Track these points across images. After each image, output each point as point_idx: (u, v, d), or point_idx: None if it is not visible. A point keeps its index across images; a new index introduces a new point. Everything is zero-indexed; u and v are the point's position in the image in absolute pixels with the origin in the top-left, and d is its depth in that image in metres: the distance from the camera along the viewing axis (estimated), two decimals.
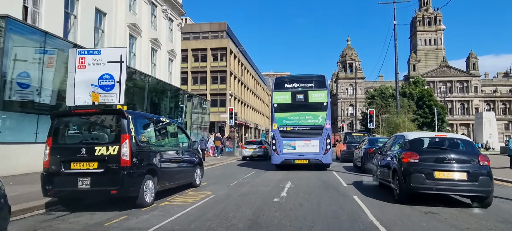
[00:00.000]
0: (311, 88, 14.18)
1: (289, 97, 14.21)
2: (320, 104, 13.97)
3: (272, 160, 14.35)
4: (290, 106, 14.12)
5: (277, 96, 14.37)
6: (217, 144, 26.92)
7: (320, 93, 14.07)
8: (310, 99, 14.03)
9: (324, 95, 14.03)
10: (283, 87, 14.45)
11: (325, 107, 13.92)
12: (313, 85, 14.27)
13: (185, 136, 9.43)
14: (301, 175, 12.38)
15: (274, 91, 14.53)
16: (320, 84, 14.27)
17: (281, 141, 13.99)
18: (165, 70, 27.63)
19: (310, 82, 14.32)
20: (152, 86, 22.24)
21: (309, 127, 13.83)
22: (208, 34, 53.27)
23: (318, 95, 14.04)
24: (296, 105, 14.09)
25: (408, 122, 31.35)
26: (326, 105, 13.92)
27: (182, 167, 8.71)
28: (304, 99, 14.08)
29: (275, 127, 14.25)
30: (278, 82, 14.75)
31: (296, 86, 14.33)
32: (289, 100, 14.20)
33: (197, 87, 50.64)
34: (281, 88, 14.42)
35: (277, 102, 14.29)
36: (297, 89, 14.26)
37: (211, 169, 16.02)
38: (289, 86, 14.41)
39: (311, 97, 14.05)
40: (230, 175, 13.08)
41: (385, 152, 8.68)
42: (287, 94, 14.27)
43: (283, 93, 14.33)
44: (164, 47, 27.39)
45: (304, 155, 13.72)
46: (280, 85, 14.55)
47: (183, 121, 25.78)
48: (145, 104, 20.60)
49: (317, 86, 14.23)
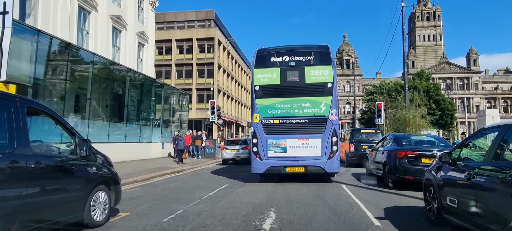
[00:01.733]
0: (310, 64, 9.81)
1: (277, 76, 9.81)
2: (323, 86, 9.62)
3: (252, 167, 9.91)
4: (278, 90, 9.79)
5: (259, 75, 9.92)
6: (197, 143, 22.80)
7: (323, 70, 9.67)
8: (308, 79, 9.69)
9: (328, 73, 9.64)
10: (269, 62, 9.96)
11: (330, 91, 9.55)
12: (312, 59, 9.88)
13: (67, 132, 4.93)
14: (294, 194, 7.95)
15: (256, 68, 9.99)
16: (323, 57, 9.86)
17: (266, 140, 9.60)
18: (133, 56, 23.04)
19: (307, 55, 9.93)
20: (115, 75, 17.72)
21: (307, 118, 9.54)
22: (194, 23, 48.73)
23: (320, 73, 9.66)
24: (288, 87, 9.78)
25: (419, 117, 27.09)
26: (331, 87, 9.57)
27: (51, 190, 4.25)
28: (300, 79, 9.75)
29: (256, 120, 9.77)
30: (261, 56, 10.02)
31: (287, 61, 9.93)
32: (277, 81, 9.80)
33: (182, 82, 46.05)
34: (266, 64, 9.94)
35: (259, 83, 9.87)
36: (289, 64, 9.88)
37: (169, 179, 11.54)
38: (278, 60, 9.95)
39: (309, 76, 9.70)
40: (187, 191, 8.62)
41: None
42: (275, 72, 9.85)
43: (268, 71, 9.88)
44: (131, 28, 22.80)
45: (299, 160, 9.46)
46: (264, 60, 9.98)
47: (153, 117, 21.21)
48: (92, 93, 16.03)
49: (318, 60, 9.86)
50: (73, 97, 14.35)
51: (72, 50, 13.47)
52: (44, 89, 12.77)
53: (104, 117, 16.15)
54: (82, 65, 14.62)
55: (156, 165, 15.57)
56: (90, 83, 14.37)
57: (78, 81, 15.05)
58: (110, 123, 16.27)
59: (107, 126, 15.83)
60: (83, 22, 18.52)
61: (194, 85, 46.20)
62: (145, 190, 8.99)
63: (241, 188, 9.05)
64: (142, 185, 10.08)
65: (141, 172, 12.86)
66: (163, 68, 47.67)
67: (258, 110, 9.76)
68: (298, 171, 9.51)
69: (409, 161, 8.29)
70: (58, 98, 13.03)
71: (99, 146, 15.24)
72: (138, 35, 23.87)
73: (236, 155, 17.87)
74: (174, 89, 26.62)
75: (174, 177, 12.18)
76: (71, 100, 14.06)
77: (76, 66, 14.24)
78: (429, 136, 9.44)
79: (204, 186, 9.48)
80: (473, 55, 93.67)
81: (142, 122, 20.10)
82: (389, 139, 9.98)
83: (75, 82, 14.75)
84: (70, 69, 13.54)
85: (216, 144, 22.76)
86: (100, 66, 15.84)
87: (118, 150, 16.12)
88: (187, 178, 11.92)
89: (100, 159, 5.62)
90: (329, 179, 10.43)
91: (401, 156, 8.41)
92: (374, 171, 10.66)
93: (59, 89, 13.01)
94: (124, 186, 9.65)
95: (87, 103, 14.23)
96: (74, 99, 14.41)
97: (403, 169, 8.33)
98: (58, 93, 13.00)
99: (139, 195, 8.06)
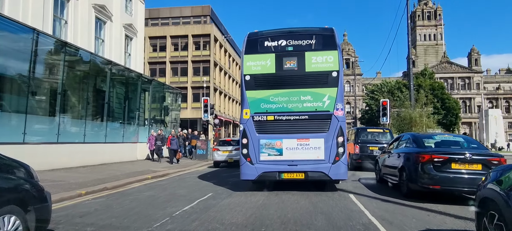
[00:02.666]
0: (311, 48, 8.18)
1: (272, 63, 8.19)
2: (327, 75, 8.02)
3: (241, 173, 8.25)
4: (273, 80, 8.19)
5: (250, 62, 8.29)
6: (193, 143, 21.46)
7: (327, 56, 8.06)
8: (309, 67, 8.09)
9: (333, 60, 8.02)
10: (262, 47, 8.33)
11: (335, 81, 7.97)
12: (313, 43, 8.23)
13: None
14: (291, 209, 6.32)
15: (246, 54, 8.34)
16: (327, 41, 8.20)
17: (258, 140, 8.01)
18: (119, 50, 21.35)
19: (308, 39, 8.25)
20: (96, 68, 16.06)
21: (307, 114, 7.97)
22: (190, 19, 47.01)
23: (323, 60, 8.05)
24: (285, 77, 8.17)
25: (426, 117, 25.46)
26: (336, 77, 7.98)
27: None
28: (299, 67, 8.14)
29: (246, 116, 8.14)
30: (253, 40, 8.38)
31: (284, 46, 8.26)
32: (271, 69, 8.20)
33: (177, 80, 44.36)
34: (258, 49, 8.34)
35: (250, 72, 8.24)
36: (287, 50, 8.26)
37: (146, 186, 9.86)
38: (272, 45, 8.29)
39: (310, 64, 8.10)
40: (159, 204, 6.97)
41: None
42: (269, 59, 8.22)
43: (261, 58, 8.25)
44: (117, 20, 21.11)
45: (298, 164, 7.85)
46: (257, 45, 8.36)
47: (139, 115, 19.53)
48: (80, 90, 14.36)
49: (320, 44, 8.21)
50: (41, 92, 12.66)
51: (41, 37, 11.75)
52: (4, 82, 11.11)
53: (80, 114, 14.45)
54: (52, 56, 12.90)
55: (139, 168, 13.91)
56: (62, 76, 12.65)
57: (47, 73, 13.38)
58: (87, 121, 14.58)
59: (83, 124, 14.14)
60: (60, 11, 16.83)
61: (190, 83, 44.52)
62: (109, 201, 7.33)
63: (226, 199, 7.39)
64: (109, 194, 8.41)
65: (117, 177, 11.20)
66: (157, 66, 46.03)
67: (249, 105, 8.12)
68: (296, 178, 7.92)
69: (435, 166, 6.65)
70: (21, 93, 11.35)
71: (73, 147, 13.65)
72: (126, 28, 22.18)
73: (228, 157, 16.22)
74: (164, 85, 24.94)
75: (153, 183, 10.50)
76: (39, 95, 12.37)
77: (44, 57, 12.55)
78: (455, 135, 7.82)
79: (183, 196, 7.82)
80: (474, 55, 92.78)
81: (126, 120, 18.41)
82: (406, 139, 8.31)
83: (44, 74, 13.08)
84: (37, 59, 11.83)
85: (208, 144, 21.06)
86: (75, 58, 14.11)
87: (96, 151, 14.46)
88: (167, 184, 10.25)
89: (21, 172, 3.98)
90: (333, 186, 8.80)
91: (425, 160, 6.76)
92: (387, 177, 9.02)
93: (22, 83, 11.33)
94: (87, 195, 8.02)
95: (58, 99, 12.54)
96: (42, 94, 12.71)
97: (427, 176, 6.69)
98: (20, 87, 11.33)
99: (96, 209, 6.41)
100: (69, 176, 10.92)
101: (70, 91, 14.75)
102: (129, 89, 19.29)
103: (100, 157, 14.92)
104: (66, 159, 12.44)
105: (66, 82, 13.37)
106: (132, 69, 20.26)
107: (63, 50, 12.70)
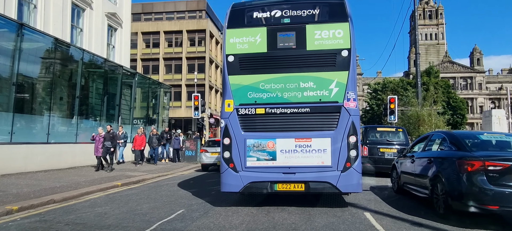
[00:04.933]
0: (313, 20, 6.22)
1: (263, 40, 6.24)
2: (334, 55, 6.05)
3: (222, 183, 6.26)
4: (265, 61, 6.26)
5: (234, 39, 6.33)
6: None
7: (335, 30, 6.07)
8: (311, 45, 6.12)
9: (343, 35, 6.06)
10: (250, 20, 6.40)
11: (346, 63, 6.01)
12: (317, 13, 6.26)
13: None
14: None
15: (229, 28, 6.40)
16: (334, 11, 6.24)
17: (244, 141, 6.11)
18: (101, 41, 19.38)
19: (310, 8, 6.27)
20: (64, 57, 14.08)
21: (309, 106, 6.04)
22: (185, 13, 45.01)
23: (330, 36, 6.07)
24: (280, 58, 6.23)
25: (435, 115, 23.55)
26: (347, 57, 6.01)
27: None
28: (298, 45, 6.17)
29: (229, 108, 6.23)
30: (238, 10, 6.46)
31: (278, 17, 6.31)
32: (262, 48, 6.24)
33: (171, 77, 42.44)
34: (245, 23, 6.41)
35: (234, 52, 6.31)
36: (282, 22, 6.29)
37: (106, 197, 7.88)
38: (263, 16, 6.35)
39: (312, 40, 6.11)
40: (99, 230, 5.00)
41: None
42: (259, 34, 6.25)
43: (249, 33, 6.29)
44: (98, 7, 19.16)
45: (297, 172, 5.95)
46: (243, 16, 6.44)
47: (118, 112, 17.56)
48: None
49: (326, 15, 6.26)
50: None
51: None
52: None
53: (42, 110, 12.45)
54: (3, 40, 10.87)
55: (111, 173, 11.93)
56: (16, 63, 10.63)
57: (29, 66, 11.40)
58: (53, 118, 12.58)
59: (46, 122, 12.13)
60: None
61: (184, 81, 42.57)
62: (35, 224, 5.36)
63: (198, 220, 5.44)
64: (49, 210, 6.45)
65: (78, 184, 9.23)
66: (150, 62, 44.07)
67: (233, 94, 6.24)
68: (294, 190, 5.99)
69: (490, 177, 4.71)
70: None
71: (31, 148, 10.47)
72: (108, 17, 20.21)
73: (217, 159, 14.25)
74: (150, 80, 22.91)
75: (118, 193, 8.51)
76: None
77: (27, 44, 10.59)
78: (507, 134, 5.91)
79: (142, 215, 5.85)
80: (476, 55, 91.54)
81: (105, 117, 16.42)
82: (439, 139, 6.34)
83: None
84: None
85: (198, 144, 19.07)
86: (35, 44, 12.10)
87: (64, 152, 12.47)
88: (135, 195, 8.27)
89: None
90: (342, 200, 6.88)
91: (475, 168, 4.82)
92: (409, 188, 7.08)
93: None
94: (19, 213, 6.10)
95: (12, 91, 10.55)
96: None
97: (478, 191, 4.75)
98: None
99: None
100: (16, 183, 8.95)
101: (28, 82, 12.70)
102: (108, 83, 17.28)
103: (70, 160, 12.95)
104: (21, 162, 10.47)
105: (22, 72, 11.35)
106: (110, 60, 18.26)
107: (18, 33, 10.68)
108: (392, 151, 11.66)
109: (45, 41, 12.73)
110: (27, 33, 11.19)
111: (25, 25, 11.48)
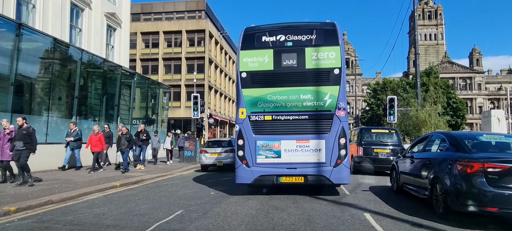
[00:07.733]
0: (311, 44, 7.69)
1: (270, 59, 7.71)
2: (328, 72, 7.56)
3: (237, 176, 7.72)
4: (271, 77, 7.75)
5: (247, 58, 7.78)
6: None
7: (328, 52, 7.58)
8: (310, 64, 7.63)
9: (335, 56, 7.55)
10: (260, 42, 7.85)
11: (337, 78, 7.51)
12: (314, 38, 7.72)
13: None
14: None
15: (243, 50, 7.84)
16: (328, 36, 7.71)
17: (254, 142, 7.56)
18: (100, 41, 19.36)
19: (308, 33, 7.76)
20: (63, 57, 14.03)
21: (307, 114, 7.54)
22: (184, 14, 44.96)
23: (325, 56, 7.60)
24: (283, 74, 7.72)
25: (435, 116, 23.52)
26: (338, 74, 7.53)
27: None
28: (298, 64, 7.66)
29: (243, 116, 7.66)
30: (250, 35, 7.87)
31: (283, 41, 7.78)
32: (269, 66, 7.71)
33: (170, 77, 42.43)
34: (256, 45, 7.85)
35: (247, 69, 7.75)
36: (286, 45, 7.77)
37: (104, 198, 7.85)
38: (270, 40, 7.81)
39: (310, 60, 7.63)
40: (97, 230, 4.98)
41: None
42: (267, 55, 7.73)
43: (258, 54, 7.76)
44: (97, 7, 19.15)
45: (298, 167, 7.45)
46: (254, 40, 7.87)
47: (118, 113, 17.53)
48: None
49: (322, 40, 7.72)
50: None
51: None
52: None
53: (40, 110, 12.41)
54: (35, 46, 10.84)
55: (110, 173, 11.92)
56: (14, 63, 10.58)
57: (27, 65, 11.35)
58: (52, 118, 12.54)
59: (45, 122, 12.09)
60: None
61: (183, 81, 42.54)
62: (33, 225, 5.34)
63: (197, 221, 5.42)
64: (47, 211, 6.42)
65: (76, 184, 9.22)
66: (149, 63, 44.07)
67: (245, 104, 7.65)
68: (295, 182, 7.46)
69: (489, 179, 4.70)
70: None
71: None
72: (107, 17, 20.19)
73: (217, 160, 14.26)
74: (149, 80, 22.88)
75: (117, 194, 8.49)
76: None
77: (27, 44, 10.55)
78: (507, 135, 5.90)
79: (141, 216, 5.83)
80: (476, 55, 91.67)
81: (104, 118, 16.39)
82: (438, 139, 6.34)
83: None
84: None
85: (197, 145, 19.04)
86: (34, 44, 12.06)
87: (62, 152, 12.41)
88: (133, 195, 8.25)
89: None
90: (341, 200, 6.92)
91: (474, 170, 4.81)
92: (409, 189, 7.10)
93: None
94: (16, 214, 6.08)
95: (10, 91, 10.51)
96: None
97: (477, 193, 4.74)
98: None
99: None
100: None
101: (28, 83, 12.64)
102: (107, 83, 17.25)
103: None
104: None
105: (21, 72, 11.31)
106: (109, 61, 18.23)
107: (17, 33, 10.64)
108: (386, 151, 12.42)
109: (44, 41, 12.70)
110: (25, 33, 11.16)
111: (23, 25, 11.47)
